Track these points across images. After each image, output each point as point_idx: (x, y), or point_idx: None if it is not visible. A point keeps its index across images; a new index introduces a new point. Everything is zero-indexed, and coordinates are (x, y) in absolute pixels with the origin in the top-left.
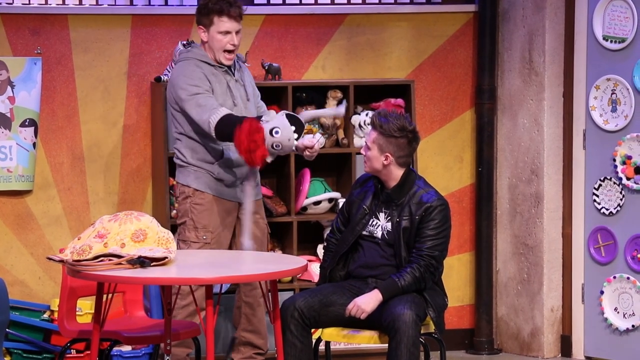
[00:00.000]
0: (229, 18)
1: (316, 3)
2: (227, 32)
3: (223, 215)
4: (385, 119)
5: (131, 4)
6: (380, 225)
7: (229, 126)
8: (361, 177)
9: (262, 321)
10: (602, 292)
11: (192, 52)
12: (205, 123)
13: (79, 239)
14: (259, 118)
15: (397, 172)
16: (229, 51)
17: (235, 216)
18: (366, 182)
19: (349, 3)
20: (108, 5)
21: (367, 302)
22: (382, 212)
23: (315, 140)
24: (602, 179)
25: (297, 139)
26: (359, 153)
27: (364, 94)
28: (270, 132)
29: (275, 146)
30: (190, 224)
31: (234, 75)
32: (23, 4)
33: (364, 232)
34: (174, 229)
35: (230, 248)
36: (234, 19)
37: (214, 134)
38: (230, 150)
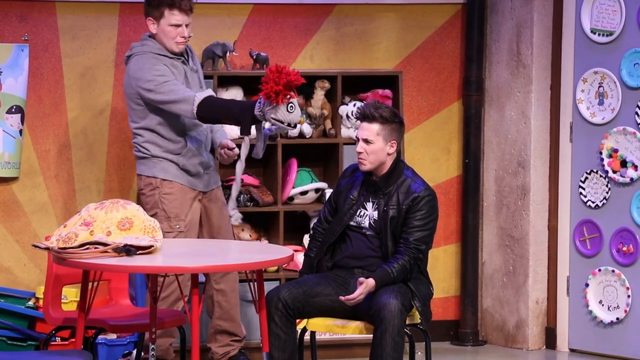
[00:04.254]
0: (179, 11)
1: None
2: (178, 25)
3: (191, 203)
4: (379, 110)
5: None
6: (368, 214)
7: (214, 104)
8: (349, 167)
9: (236, 308)
10: (587, 285)
11: (148, 45)
12: (188, 101)
13: (64, 227)
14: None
15: (388, 161)
16: (181, 43)
17: (200, 204)
18: (354, 172)
19: None
20: None
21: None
22: (369, 201)
23: (233, 148)
24: (588, 171)
25: (294, 126)
26: (346, 143)
27: (351, 85)
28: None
29: (290, 107)
30: (162, 215)
31: (189, 64)
32: None
33: (352, 223)
34: None
35: (198, 236)
36: (184, 12)
37: (195, 110)
38: (192, 140)
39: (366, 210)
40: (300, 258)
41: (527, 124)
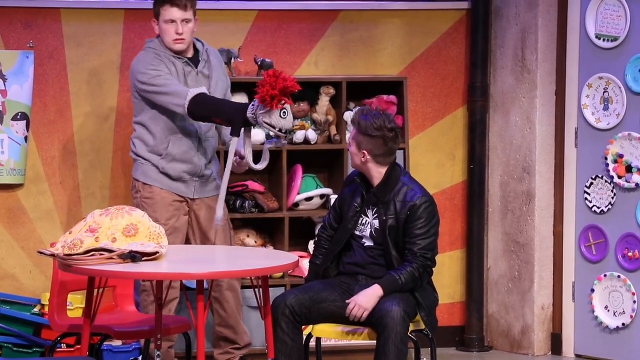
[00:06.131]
0: (171, 6)
1: None
2: (172, 21)
3: (174, 206)
4: (364, 117)
5: None
6: (369, 222)
7: (206, 101)
8: (351, 174)
9: (233, 315)
10: (592, 291)
11: (153, 43)
12: (180, 95)
13: (70, 234)
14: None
15: (378, 170)
16: (177, 40)
17: (187, 209)
18: (355, 180)
19: None
20: None
21: (369, 300)
22: (370, 209)
23: (244, 157)
24: (593, 177)
25: (287, 132)
26: None
27: (356, 91)
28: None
29: (283, 113)
30: None
31: (197, 68)
32: None
33: (355, 232)
34: None
35: (187, 241)
36: (177, 7)
37: (187, 104)
38: (178, 144)
39: (368, 218)
40: (305, 264)
41: (532, 130)
